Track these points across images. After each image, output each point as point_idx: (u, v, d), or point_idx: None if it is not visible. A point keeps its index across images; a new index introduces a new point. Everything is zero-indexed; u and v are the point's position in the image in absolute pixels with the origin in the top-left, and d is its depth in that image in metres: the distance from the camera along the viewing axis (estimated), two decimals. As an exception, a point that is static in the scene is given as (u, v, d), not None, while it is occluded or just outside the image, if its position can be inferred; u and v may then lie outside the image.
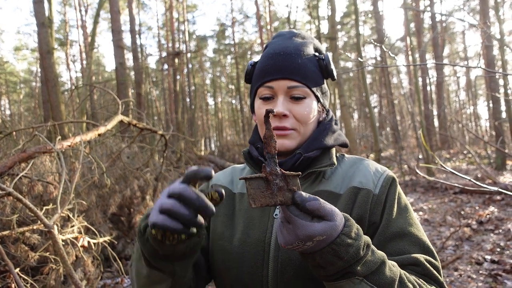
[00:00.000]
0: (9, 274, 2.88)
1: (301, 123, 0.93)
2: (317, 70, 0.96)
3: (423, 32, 19.57)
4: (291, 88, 0.92)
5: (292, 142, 0.93)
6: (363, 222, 0.87)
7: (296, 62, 0.93)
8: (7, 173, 2.14)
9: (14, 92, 26.87)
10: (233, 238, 0.94)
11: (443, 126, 17.55)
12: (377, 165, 0.98)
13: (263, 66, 0.95)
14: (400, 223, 0.87)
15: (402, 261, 0.81)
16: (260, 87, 0.96)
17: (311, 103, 0.94)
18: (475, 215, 6.19)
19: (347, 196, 0.90)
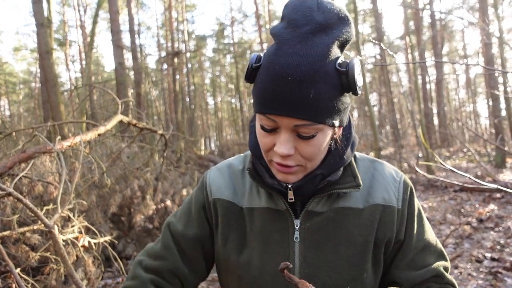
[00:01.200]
0: (9, 274, 2.88)
1: (308, 160, 0.78)
2: (336, 90, 0.71)
3: (422, 30, 19.57)
4: (298, 126, 0.72)
5: (298, 176, 0.81)
6: (390, 242, 0.86)
7: (306, 93, 0.68)
8: (7, 174, 2.14)
9: (13, 93, 26.86)
10: (251, 266, 0.85)
11: (442, 124, 17.56)
12: (391, 170, 0.91)
13: (264, 90, 0.71)
14: (420, 236, 0.88)
15: (425, 275, 0.84)
16: (260, 114, 0.75)
17: (323, 137, 0.76)
18: (475, 213, 6.20)
19: (370, 214, 0.84)
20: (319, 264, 0.81)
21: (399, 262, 0.86)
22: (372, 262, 0.84)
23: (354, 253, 0.82)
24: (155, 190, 4.79)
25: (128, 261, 4.95)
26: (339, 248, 0.82)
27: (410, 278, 0.84)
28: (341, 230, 0.82)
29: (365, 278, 0.82)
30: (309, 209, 0.83)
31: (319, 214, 0.83)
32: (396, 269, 0.86)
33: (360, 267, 0.82)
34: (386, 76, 15.31)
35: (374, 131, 9.22)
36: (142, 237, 5.15)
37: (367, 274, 0.83)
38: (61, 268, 2.82)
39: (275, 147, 0.75)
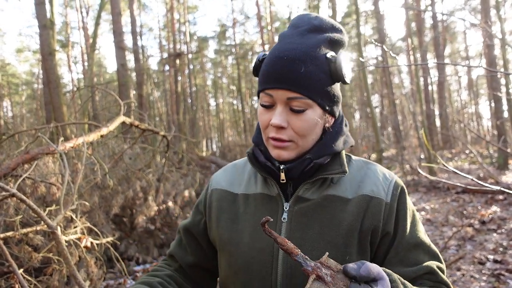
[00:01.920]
0: (12, 275, 2.89)
1: (299, 136, 0.87)
2: (325, 75, 0.86)
3: (424, 31, 19.55)
4: (290, 99, 0.84)
5: (290, 153, 0.89)
6: (377, 232, 0.89)
7: (298, 70, 0.83)
8: (10, 174, 2.15)
9: (16, 94, 26.94)
10: (240, 242, 0.92)
11: (444, 126, 17.52)
12: (384, 171, 0.97)
13: (266, 70, 0.88)
14: (413, 234, 0.91)
15: (418, 271, 0.87)
16: (261, 92, 0.90)
17: (313, 115, 0.86)
18: (477, 214, 6.18)
19: (358, 203, 0.89)
20: (303, 243, 0.86)
21: (392, 258, 0.89)
22: (357, 248, 0.87)
23: (337, 235, 0.86)
24: (157, 191, 4.80)
25: (130, 262, 4.95)
26: (323, 230, 0.87)
27: (403, 274, 0.85)
28: (327, 214, 0.88)
29: (347, 261, 0.85)
30: (299, 195, 0.91)
31: (308, 200, 0.90)
32: (389, 265, 0.88)
33: (342, 250, 0.86)
34: (388, 78, 15.29)
35: (376, 133, 9.21)
36: (144, 238, 5.15)
37: (350, 258, 0.86)
38: (64, 268, 2.82)
39: (271, 121, 0.86)
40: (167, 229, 5.40)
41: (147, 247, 5.14)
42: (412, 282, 0.87)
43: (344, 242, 0.86)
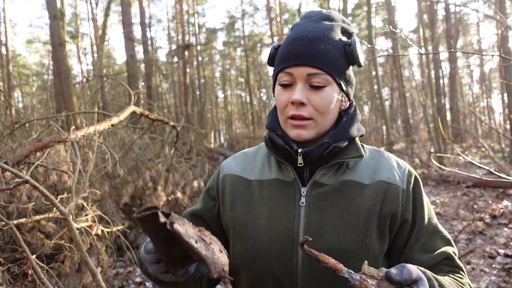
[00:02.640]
0: (26, 261, 2.94)
1: (319, 113, 0.89)
2: (342, 56, 0.90)
3: (436, 23, 19.22)
4: (310, 75, 0.87)
5: (310, 132, 0.90)
6: (396, 217, 0.90)
7: (317, 48, 0.87)
8: (23, 162, 2.17)
9: (26, 85, 27.22)
10: (258, 226, 0.91)
11: (455, 119, 17.30)
12: (397, 159, 1.00)
13: (284, 51, 0.91)
14: (430, 221, 0.94)
15: (437, 257, 0.90)
16: (280, 73, 0.92)
17: (332, 92, 0.89)
18: (488, 209, 6.11)
19: (375, 189, 0.91)
20: (322, 226, 0.87)
21: (414, 244, 0.91)
22: (377, 232, 0.89)
23: (357, 219, 0.87)
24: (166, 181, 4.83)
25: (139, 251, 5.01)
26: (343, 214, 0.88)
27: (424, 261, 0.89)
28: (345, 199, 0.89)
29: (368, 244, 0.86)
30: (316, 180, 0.91)
31: (325, 185, 0.90)
32: (411, 252, 0.91)
33: (363, 232, 0.86)
34: (399, 70, 15.10)
35: (387, 126, 9.13)
36: (153, 228, 5.19)
37: (370, 240, 0.87)
38: (75, 255, 2.86)
39: (292, 97, 0.88)
40: (176, 219, 5.43)
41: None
42: (432, 268, 0.89)
43: (364, 225, 0.87)
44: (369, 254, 0.87)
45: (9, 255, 3.07)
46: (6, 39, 17.30)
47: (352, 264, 0.84)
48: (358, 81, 26.31)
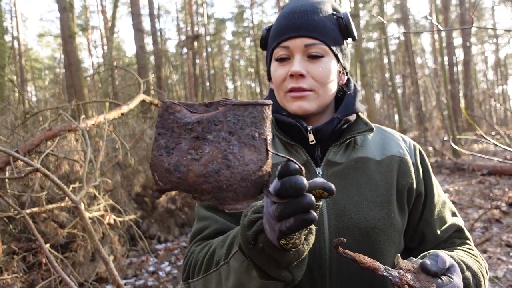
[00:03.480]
0: (40, 250, 2.97)
1: (319, 84, 0.87)
2: (336, 28, 0.90)
3: (450, 8, 18.74)
4: (308, 46, 0.85)
5: (312, 104, 0.87)
6: (412, 190, 0.91)
7: (312, 18, 0.86)
8: (34, 151, 2.18)
9: (39, 79, 27.54)
10: None
11: (470, 106, 16.95)
12: (399, 133, 1.02)
13: (278, 26, 0.90)
14: (439, 193, 0.96)
15: (449, 230, 0.93)
16: (276, 48, 0.89)
17: (330, 62, 0.88)
18: (504, 197, 5.98)
19: (388, 163, 0.90)
20: (346, 205, 0.84)
21: (429, 217, 0.92)
22: (398, 207, 0.89)
23: (378, 195, 0.86)
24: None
25: (152, 240, 5.05)
26: (363, 191, 0.86)
27: (439, 235, 0.92)
28: (363, 175, 0.87)
29: (392, 219, 0.86)
30: (329, 159, 0.88)
31: (339, 164, 0.88)
32: (427, 226, 0.92)
33: (386, 208, 0.86)
34: (411, 57, 14.80)
35: (400, 113, 8.98)
36: (165, 218, 5.23)
37: (394, 215, 0.87)
38: (88, 245, 2.88)
39: (290, 70, 0.85)
40: (188, 209, 5.46)
41: (168, 226, 5.22)
42: (445, 242, 0.93)
43: (386, 201, 0.86)
44: (394, 229, 0.86)
45: (24, 245, 3.11)
46: (18, 33, 17.48)
47: (381, 240, 0.84)
48: (369, 69, 25.96)
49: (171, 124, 0.50)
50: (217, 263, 0.75)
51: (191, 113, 0.51)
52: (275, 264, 0.62)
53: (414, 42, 23.56)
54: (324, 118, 0.94)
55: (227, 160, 0.47)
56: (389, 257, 0.86)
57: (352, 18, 0.96)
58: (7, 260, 2.50)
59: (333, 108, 0.97)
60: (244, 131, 0.48)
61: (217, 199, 0.48)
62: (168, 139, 0.50)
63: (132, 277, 4.08)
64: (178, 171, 0.48)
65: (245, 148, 0.48)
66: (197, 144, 0.48)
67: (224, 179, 0.47)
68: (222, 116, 0.48)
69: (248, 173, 0.48)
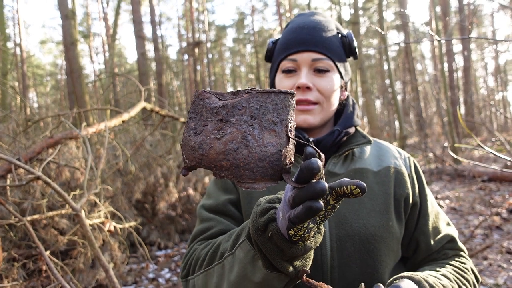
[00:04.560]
0: (40, 257, 2.98)
1: (324, 97, 0.91)
2: (340, 46, 0.96)
3: (449, 15, 18.84)
4: (315, 60, 0.90)
5: (316, 118, 0.91)
6: (408, 200, 0.93)
7: (320, 35, 0.92)
8: (35, 159, 2.20)
9: (41, 85, 27.67)
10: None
11: (470, 112, 16.96)
12: (395, 146, 1.06)
13: (286, 40, 0.94)
14: (432, 203, 0.99)
15: (442, 241, 0.95)
16: (283, 60, 0.93)
17: (334, 77, 0.93)
18: (505, 203, 5.97)
19: (385, 174, 0.94)
20: (346, 213, 0.87)
21: (423, 227, 0.94)
22: (395, 215, 0.91)
23: (377, 204, 0.89)
24: (178, 177, 4.84)
25: (152, 247, 5.04)
26: (362, 200, 0.89)
27: (432, 246, 0.93)
28: None
29: (391, 227, 0.88)
30: (329, 169, 0.91)
31: (338, 174, 0.91)
32: (421, 235, 0.94)
33: (385, 216, 0.88)
34: (411, 64, 14.86)
35: (400, 119, 8.99)
36: (165, 224, 5.22)
37: (392, 223, 0.89)
38: (89, 251, 2.89)
39: (298, 82, 0.88)
40: (188, 215, 5.46)
41: (169, 233, 5.22)
42: (438, 252, 0.94)
43: (384, 209, 0.89)
44: (393, 237, 0.89)
45: (24, 251, 3.11)
46: (20, 40, 17.59)
47: (380, 247, 0.86)
48: (369, 75, 26.03)
49: (201, 109, 0.54)
50: (221, 256, 0.75)
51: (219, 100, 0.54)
52: (280, 255, 0.61)
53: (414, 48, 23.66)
54: (325, 131, 0.98)
55: (246, 140, 0.50)
56: (388, 264, 0.88)
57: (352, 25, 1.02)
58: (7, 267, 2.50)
59: (333, 121, 1.02)
60: (266, 116, 0.51)
61: (235, 176, 0.50)
62: (197, 122, 0.54)
63: (132, 284, 4.07)
64: (201, 148, 0.51)
65: (265, 132, 0.51)
66: (220, 126, 0.51)
67: (242, 157, 0.50)
68: (245, 102, 0.52)
69: (266, 154, 0.50)
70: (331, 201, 0.56)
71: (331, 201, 0.56)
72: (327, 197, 0.56)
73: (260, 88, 0.53)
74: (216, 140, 0.50)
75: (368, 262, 0.85)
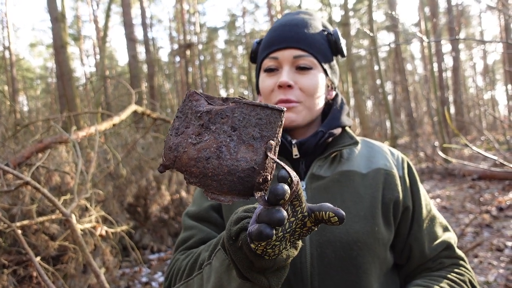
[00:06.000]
0: (30, 263, 2.95)
1: (307, 96, 0.87)
2: (325, 44, 0.91)
3: (438, 16, 19.06)
4: (297, 57, 0.87)
5: (298, 116, 0.87)
6: (398, 204, 0.89)
7: (302, 31, 0.88)
8: (25, 163, 2.17)
9: (31, 88, 27.35)
10: None
11: (459, 112, 17.16)
12: (387, 146, 1.01)
13: (268, 38, 0.92)
14: (427, 207, 0.94)
15: (438, 248, 0.89)
16: (265, 59, 0.91)
17: (318, 75, 0.89)
18: (494, 201, 6.05)
19: (374, 176, 0.89)
20: None
21: (417, 233, 0.89)
22: (383, 220, 0.86)
23: (362, 208, 0.84)
24: (170, 180, 4.82)
25: (145, 250, 5.01)
26: (347, 204, 0.85)
27: (426, 253, 0.89)
28: (347, 189, 0.86)
29: (376, 233, 0.84)
30: (313, 172, 0.88)
31: (323, 177, 0.87)
32: (415, 242, 0.89)
33: (370, 221, 0.84)
34: (401, 64, 15.00)
35: (390, 119, 9.07)
36: (158, 227, 5.20)
37: (378, 229, 0.84)
38: (80, 257, 2.86)
39: (279, 81, 0.86)
40: (181, 218, 5.44)
41: (161, 236, 5.19)
42: (433, 261, 0.89)
43: (370, 214, 0.85)
44: (379, 243, 0.84)
45: (14, 257, 3.08)
46: (9, 43, 17.38)
47: (364, 254, 0.81)
48: (360, 76, 26.20)
49: (187, 110, 0.54)
50: (200, 266, 0.75)
51: (207, 104, 0.54)
52: (250, 266, 0.60)
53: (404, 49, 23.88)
54: (310, 132, 0.94)
55: (219, 151, 0.49)
56: (373, 272, 0.83)
57: (342, 26, 1.00)
58: (-3, 274, 2.47)
59: (320, 122, 0.97)
60: (247, 130, 0.50)
61: (202, 185, 0.50)
62: (181, 122, 0.54)
63: (124, 288, 4.04)
64: (177, 150, 0.52)
65: (242, 146, 0.50)
66: (200, 131, 0.51)
67: (211, 168, 0.49)
68: (230, 111, 0.51)
69: (237, 168, 0.49)
70: (308, 223, 0.55)
71: (309, 223, 0.54)
72: (305, 219, 0.54)
73: (250, 100, 0.52)
74: (191, 145, 0.51)
75: (350, 270, 0.81)
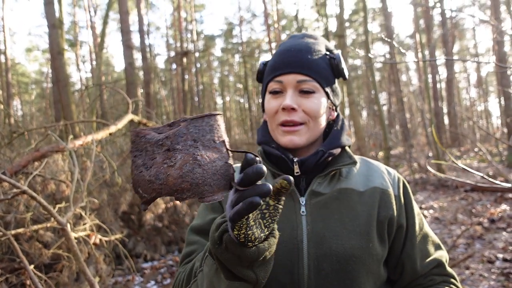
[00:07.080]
0: (23, 271, 2.93)
1: (310, 117, 0.93)
2: (328, 68, 0.97)
3: (432, 28, 19.34)
4: (300, 82, 0.93)
5: (302, 138, 0.93)
6: (392, 222, 0.93)
7: (305, 57, 0.94)
8: (21, 172, 2.18)
9: (25, 93, 27.24)
10: None
11: (453, 123, 17.34)
12: (384, 165, 1.05)
13: (274, 62, 0.98)
14: (420, 225, 0.98)
15: (429, 266, 0.94)
16: (270, 82, 0.96)
17: (321, 98, 0.94)
18: (486, 213, 6.11)
19: (371, 195, 0.94)
20: (326, 233, 0.88)
21: (409, 251, 0.94)
22: (378, 237, 0.91)
23: (358, 225, 0.89)
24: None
25: (138, 259, 4.99)
26: (344, 220, 0.89)
27: (418, 270, 0.93)
28: (345, 205, 0.91)
29: (371, 249, 0.88)
30: (313, 189, 0.93)
31: (323, 194, 0.92)
32: (407, 259, 0.94)
33: (365, 237, 0.88)
34: (396, 75, 15.16)
35: (384, 130, 9.14)
36: (152, 236, 5.19)
37: (373, 245, 0.88)
38: (73, 265, 2.86)
39: (283, 104, 0.91)
40: (175, 226, 5.43)
41: (155, 245, 5.18)
42: (425, 277, 0.94)
43: (365, 231, 0.89)
44: (373, 259, 0.88)
45: (7, 265, 3.06)
46: (5, 48, 17.34)
47: (359, 269, 0.86)
48: (355, 86, 26.39)
49: (144, 145, 0.58)
50: (194, 274, 0.81)
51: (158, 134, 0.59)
52: (238, 262, 0.65)
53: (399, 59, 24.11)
54: (311, 151, 0.99)
55: (197, 160, 0.55)
56: (367, 285, 0.87)
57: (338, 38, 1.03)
58: (-11, 282, 2.46)
59: (321, 141, 1.02)
60: (206, 137, 0.58)
61: (196, 194, 0.55)
62: (144, 158, 0.57)
63: (117, 297, 4.02)
64: (158, 179, 0.55)
65: (209, 150, 0.57)
66: (169, 154, 0.56)
67: (199, 176, 0.55)
68: (185, 129, 0.57)
69: (217, 168, 0.57)
70: (271, 202, 0.63)
71: (271, 202, 0.62)
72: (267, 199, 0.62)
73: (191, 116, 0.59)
74: (170, 168, 0.55)
75: (346, 283, 0.85)
